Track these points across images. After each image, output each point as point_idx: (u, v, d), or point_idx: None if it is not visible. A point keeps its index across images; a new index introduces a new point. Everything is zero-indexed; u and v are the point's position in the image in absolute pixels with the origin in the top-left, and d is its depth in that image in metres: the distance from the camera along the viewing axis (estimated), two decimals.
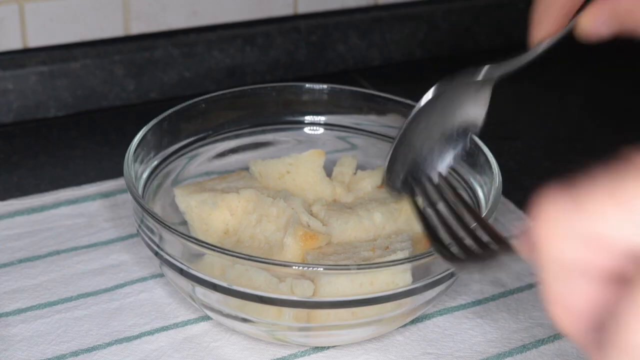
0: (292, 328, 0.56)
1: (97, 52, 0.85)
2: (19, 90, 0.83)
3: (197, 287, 0.55)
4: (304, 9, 0.93)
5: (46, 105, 0.85)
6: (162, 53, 0.88)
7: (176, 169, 0.67)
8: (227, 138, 0.70)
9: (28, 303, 0.61)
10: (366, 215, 0.61)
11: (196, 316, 0.61)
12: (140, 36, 0.87)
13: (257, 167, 0.66)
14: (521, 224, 0.35)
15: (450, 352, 0.59)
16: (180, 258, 0.55)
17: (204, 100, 0.68)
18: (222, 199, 0.62)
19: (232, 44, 0.90)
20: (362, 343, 0.59)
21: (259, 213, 0.61)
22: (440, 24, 0.98)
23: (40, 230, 0.68)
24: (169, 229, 0.54)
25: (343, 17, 0.94)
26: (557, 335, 0.60)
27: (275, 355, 0.58)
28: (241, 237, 0.61)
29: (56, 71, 0.84)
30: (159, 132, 0.65)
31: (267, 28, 0.92)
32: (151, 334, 0.59)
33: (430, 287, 0.55)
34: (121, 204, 0.72)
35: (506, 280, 0.65)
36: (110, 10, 0.85)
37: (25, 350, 0.57)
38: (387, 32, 0.97)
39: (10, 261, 0.65)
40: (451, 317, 0.62)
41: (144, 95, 0.88)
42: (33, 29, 0.83)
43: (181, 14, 0.88)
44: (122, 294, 0.63)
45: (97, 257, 0.66)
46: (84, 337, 0.59)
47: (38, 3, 0.82)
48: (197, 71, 0.90)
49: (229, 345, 0.58)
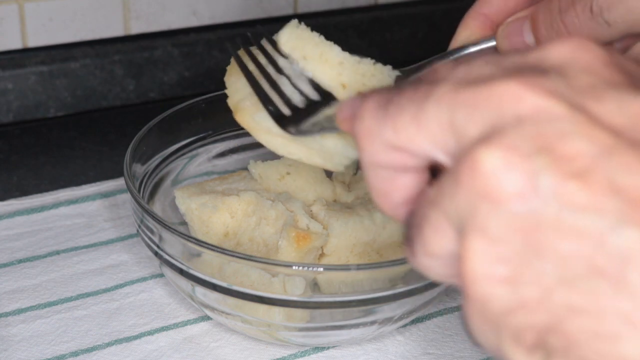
0: (291, 328, 0.56)
1: (96, 52, 0.85)
2: (18, 90, 0.83)
3: (197, 287, 0.55)
4: (304, 9, 0.93)
5: (46, 105, 0.85)
6: (162, 53, 0.88)
7: (176, 169, 0.67)
8: (227, 138, 0.70)
9: (28, 303, 0.61)
10: (366, 215, 0.61)
11: (196, 316, 0.61)
12: (140, 36, 0.87)
13: (257, 168, 0.66)
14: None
15: (450, 352, 0.59)
16: (180, 258, 0.55)
17: (204, 100, 0.68)
18: (222, 202, 0.61)
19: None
20: (362, 343, 0.59)
21: (258, 216, 0.61)
22: (440, 24, 0.98)
23: (40, 230, 0.68)
24: (168, 229, 0.54)
25: (343, 17, 0.94)
26: None
27: (275, 355, 0.58)
28: (240, 239, 0.61)
29: (56, 71, 0.84)
30: (159, 132, 0.65)
31: (267, 28, 0.92)
32: (151, 334, 0.59)
33: (430, 287, 0.55)
34: (121, 204, 0.72)
35: None
36: (110, 10, 0.85)
37: (24, 350, 0.57)
38: (387, 32, 0.97)
39: (10, 261, 0.65)
40: (451, 317, 0.62)
41: (144, 95, 0.88)
42: (33, 29, 0.83)
43: (181, 13, 0.88)
44: (122, 294, 0.63)
45: (97, 257, 0.66)
46: (83, 337, 0.59)
47: (38, 3, 0.82)
48: (197, 71, 0.89)
49: (229, 345, 0.58)
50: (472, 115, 0.32)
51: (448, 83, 0.33)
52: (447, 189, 0.32)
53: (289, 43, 0.53)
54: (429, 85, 0.33)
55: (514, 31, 0.47)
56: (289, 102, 0.50)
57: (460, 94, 0.32)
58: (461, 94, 0.32)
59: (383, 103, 0.35)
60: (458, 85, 0.32)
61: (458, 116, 0.32)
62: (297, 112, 0.49)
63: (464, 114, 0.32)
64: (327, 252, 0.60)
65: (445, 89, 0.33)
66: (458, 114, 0.32)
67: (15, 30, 0.82)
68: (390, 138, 0.34)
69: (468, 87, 0.32)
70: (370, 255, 0.61)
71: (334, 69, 0.52)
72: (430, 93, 0.33)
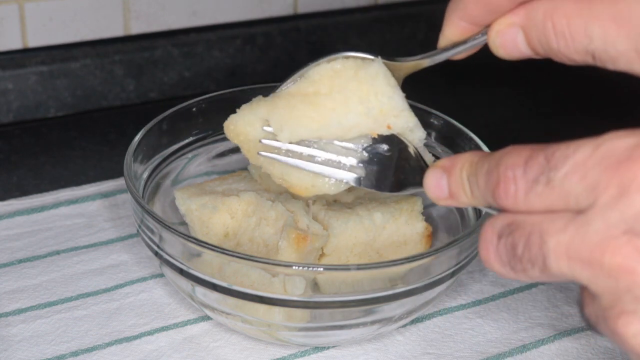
0: (292, 328, 0.56)
1: (97, 52, 0.85)
2: (18, 90, 0.83)
3: (197, 287, 0.55)
4: (304, 9, 0.93)
5: (46, 105, 0.85)
6: (162, 53, 0.88)
7: (176, 169, 0.67)
8: (227, 138, 0.70)
9: (28, 303, 0.61)
10: (366, 215, 0.61)
11: (196, 316, 0.61)
12: (140, 36, 0.87)
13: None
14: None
15: (450, 352, 0.59)
16: (180, 258, 0.55)
17: (204, 100, 0.68)
18: (222, 202, 0.61)
19: (232, 44, 0.90)
20: (362, 343, 0.59)
21: (258, 216, 0.61)
22: (440, 24, 0.98)
23: (40, 230, 0.68)
24: (168, 228, 0.54)
25: (343, 17, 0.94)
26: (557, 335, 0.60)
27: (275, 355, 0.58)
28: (240, 240, 0.61)
29: (56, 71, 0.84)
30: (159, 132, 0.65)
31: (267, 28, 0.92)
32: (151, 334, 0.59)
33: (430, 287, 0.55)
34: (121, 204, 0.72)
35: (507, 281, 0.65)
36: (110, 10, 0.85)
37: (25, 350, 0.57)
38: (387, 32, 0.97)
39: (10, 261, 0.65)
40: (451, 317, 0.62)
41: (144, 95, 0.88)
42: (33, 29, 0.83)
43: (181, 14, 0.88)
44: (122, 294, 0.63)
45: (97, 257, 0.66)
46: (83, 337, 0.59)
47: (38, 3, 0.82)
48: (197, 71, 0.90)
49: (229, 345, 0.58)
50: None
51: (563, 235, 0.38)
52: None
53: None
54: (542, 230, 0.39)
55: (509, 42, 0.46)
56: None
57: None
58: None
59: (503, 247, 0.40)
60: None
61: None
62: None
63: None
64: (327, 252, 0.60)
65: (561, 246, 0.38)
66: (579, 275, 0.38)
67: (16, 30, 0.82)
68: (524, 280, 0.40)
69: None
70: (370, 255, 0.61)
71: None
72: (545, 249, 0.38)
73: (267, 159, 0.54)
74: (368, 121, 0.52)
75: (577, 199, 0.37)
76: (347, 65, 0.53)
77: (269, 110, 0.53)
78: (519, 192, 0.39)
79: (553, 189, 0.38)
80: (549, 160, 0.38)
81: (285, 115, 0.53)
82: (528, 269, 0.39)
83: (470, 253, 0.57)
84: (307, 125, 0.53)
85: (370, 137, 0.53)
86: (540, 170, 0.38)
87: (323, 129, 0.53)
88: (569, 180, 0.37)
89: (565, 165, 0.38)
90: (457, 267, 0.56)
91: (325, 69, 0.53)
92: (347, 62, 0.53)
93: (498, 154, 0.40)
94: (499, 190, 0.40)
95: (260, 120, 0.54)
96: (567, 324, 0.61)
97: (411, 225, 0.62)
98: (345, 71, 0.53)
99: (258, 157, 0.55)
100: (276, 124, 0.53)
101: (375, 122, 0.52)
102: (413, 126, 0.52)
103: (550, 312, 0.62)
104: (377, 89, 0.52)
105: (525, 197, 0.39)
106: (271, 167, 0.54)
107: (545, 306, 0.63)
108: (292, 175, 0.53)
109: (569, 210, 0.38)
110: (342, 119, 0.52)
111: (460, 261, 0.56)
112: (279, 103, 0.53)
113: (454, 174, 0.43)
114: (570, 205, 0.38)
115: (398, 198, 0.64)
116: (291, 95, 0.53)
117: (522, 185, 0.39)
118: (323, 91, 0.53)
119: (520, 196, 0.39)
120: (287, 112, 0.53)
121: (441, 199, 0.44)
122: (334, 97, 0.52)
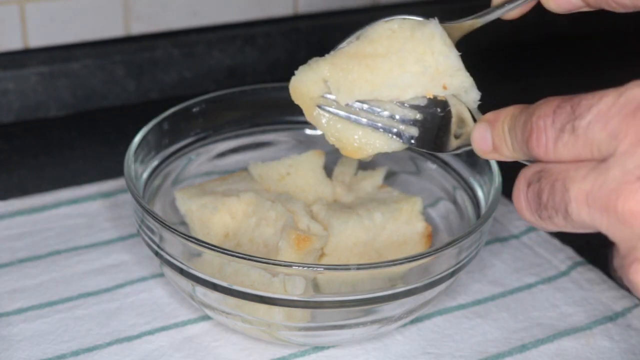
0: (292, 328, 0.56)
1: (97, 52, 0.85)
2: (19, 90, 0.83)
3: (198, 287, 0.55)
4: (304, 9, 0.93)
5: (46, 105, 0.85)
6: (162, 53, 0.88)
7: (176, 169, 0.67)
8: (227, 138, 0.70)
9: (29, 303, 0.61)
10: (366, 215, 0.61)
11: (196, 316, 0.61)
12: (140, 36, 0.87)
13: (256, 169, 0.66)
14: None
15: (450, 352, 0.59)
16: (181, 258, 0.55)
17: (204, 100, 0.68)
18: (222, 203, 0.62)
19: (232, 44, 0.90)
20: (362, 343, 0.59)
21: (258, 217, 0.61)
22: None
23: (41, 230, 0.68)
24: (169, 228, 0.54)
25: (343, 17, 0.95)
26: (557, 335, 0.60)
27: (275, 355, 0.58)
28: (240, 240, 0.61)
29: (56, 71, 0.84)
30: (159, 132, 0.65)
31: (267, 28, 0.92)
32: (151, 334, 0.59)
33: (430, 287, 0.55)
34: (121, 204, 0.72)
35: (506, 280, 0.65)
36: (111, 10, 0.85)
37: (26, 349, 0.57)
38: None
39: (11, 261, 0.65)
40: (451, 317, 0.62)
41: (144, 95, 0.88)
42: (33, 29, 0.83)
43: (181, 14, 0.88)
44: (123, 294, 0.63)
45: (98, 257, 0.66)
46: (84, 336, 0.59)
47: (39, 3, 0.82)
48: (197, 71, 0.90)
49: (229, 345, 0.59)
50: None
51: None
52: None
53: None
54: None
55: None
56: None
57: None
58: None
59: (532, 194, 0.41)
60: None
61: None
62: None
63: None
64: (327, 252, 0.60)
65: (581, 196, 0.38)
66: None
67: (16, 31, 0.82)
68: (552, 229, 0.41)
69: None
70: (370, 255, 0.61)
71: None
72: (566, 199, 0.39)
73: (323, 117, 0.54)
74: (424, 80, 0.52)
75: (600, 147, 0.38)
76: (404, 26, 0.54)
77: (330, 69, 0.54)
78: (549, 141, 0.39)
79: (577, 137, 0.38)
80: (575, 109, 0.38)
81: (343, 77, 0.53)
82: (553, 216, 0.39)
83: (470, 253, 0.57)
84: (363, 87, 0.53)
85: (426, 98, 0.53)
86: (567, 119, 0.39)
87: (379, 90, 0.53)
88: (592, 129, 0.38)
89: (590, 114, 0.38)
90: (456, 267, 0.56)
91: (383, 29, 0.54)
92: (404, 23, 0.54)
93: (534, 105, 0.41)
94: (532, 140, 0.40)
95: (321, 79, 0.54)
96: (567, 324, 0.61)
97: (411, 225, 0.62)
98: (402, 32, 0.53)
99: (314, 117, 0.54)
100: (334, 85, 0.53)
101: (432, 81, 0.52)
102: (468, 87, 0.52)
103: (549, 312, 0.62)
104: (434, 49, 0.52)
105: (554, 146, 0.39)
106: (326, 125, 0.54)
107: (544, 306, 0.63)
108: (347, 132, 0.53)
109: (594, 159, 0.38)
110: (398, 79, 0.52)
111: (460, 261, 0.56)
112: (338, 63, 0.53)
113: (496, 127, 0.44)
114: (594, 153, 0.38)
115: (398, 198, 0.64)
116: (349, 57, 0.53)
117: (551, 134, 0.39)
118: (380, 51, 0.53)
119: (550, 145, 0.39)
120: (345, 74, 0.53)
121: (486, 152, 0.45)
122: (390, 58, 0.53)
